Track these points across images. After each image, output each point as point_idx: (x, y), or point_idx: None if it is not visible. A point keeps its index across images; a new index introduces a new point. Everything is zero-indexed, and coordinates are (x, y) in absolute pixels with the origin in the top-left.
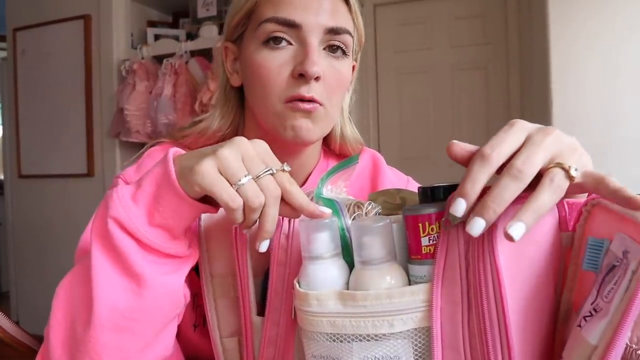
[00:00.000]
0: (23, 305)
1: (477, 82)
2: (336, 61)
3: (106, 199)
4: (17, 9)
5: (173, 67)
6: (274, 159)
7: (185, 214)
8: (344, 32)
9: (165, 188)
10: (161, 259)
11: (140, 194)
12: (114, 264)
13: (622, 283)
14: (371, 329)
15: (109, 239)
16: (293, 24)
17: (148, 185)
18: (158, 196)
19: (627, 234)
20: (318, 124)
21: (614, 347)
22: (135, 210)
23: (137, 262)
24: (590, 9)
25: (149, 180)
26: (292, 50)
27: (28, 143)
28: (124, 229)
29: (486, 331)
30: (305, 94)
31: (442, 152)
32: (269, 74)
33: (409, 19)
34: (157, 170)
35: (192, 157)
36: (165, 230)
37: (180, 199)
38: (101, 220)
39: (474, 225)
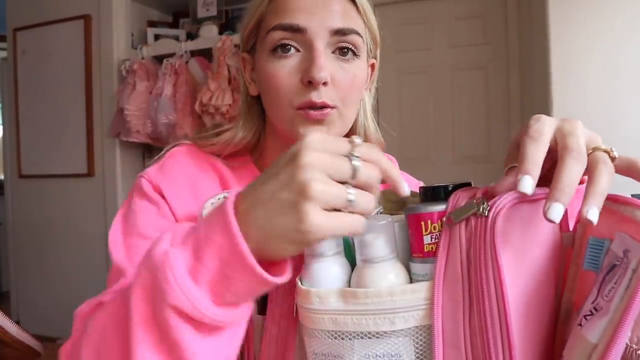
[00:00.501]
0: (23, 305)
1: (477, 82)
2: (347, 64)
3: (153, 270)
4: (17, 9)
5: (173, 67)
6: (339, 143)
7: (268, 287)
8: (351, 33)
9: (239, 270)
10: (223, 333)
11: (202, 271)
12: (167, 356)
13: (623, 282)
14: (372, 327)
15: (165, 330)
16: (297, 28)
17: (211, 261)
18: (228, 276)
19: (628, 233)
20: (332, 128)
21: (614, 345)
22: (199, 293)
23: (193, 354)
24: (591, 8)
25: (210, 254)
26: (300, 57)
27: (28, 143)
28: (183, 316)
29: (487, 329)
30: (316, 100)
31: (441, 152)
32: (279, 83)
33: (409, 18)
34: (218, 241)
35: (272, 215)
36: (235, 306)
37: (262, 281)
38: (152, 305)
39: (554, 210)
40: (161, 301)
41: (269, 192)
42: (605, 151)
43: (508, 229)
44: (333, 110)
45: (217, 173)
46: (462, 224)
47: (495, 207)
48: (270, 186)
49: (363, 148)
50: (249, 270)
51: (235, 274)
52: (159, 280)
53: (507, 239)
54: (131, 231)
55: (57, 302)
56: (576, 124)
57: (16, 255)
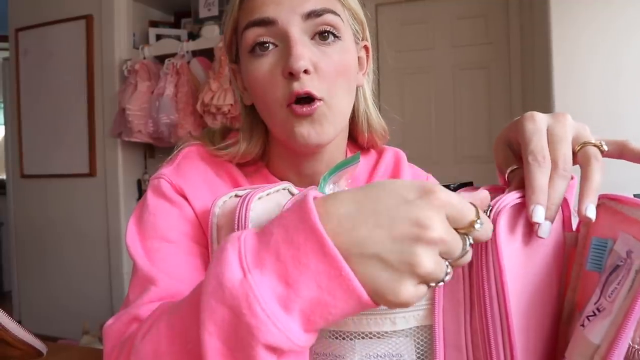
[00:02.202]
0: (25, 305)
1: (478, 82)
2: (328, 48)
3: (232, 306)
4: (19, 9)
5: (175, 67)
6: (464, 210)
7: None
8: (325, 12)
9: (341, 297)
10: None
11: (295, 300)
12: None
13: (626, 283)
14: (373, 327)
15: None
16: (268, 20)
17: (306, 289)
18: (326, 303)
19: (631, 234)
20: (324, 123)
21: (616, 346)
22: (291, 323)
23: None
24: (592, 8)
25: (304, 281)
26: (278, 51)
27: (30, 143)
28: (276, 352)
29: (488, 330)
30: (299, 90)
31: (443, 152)
32: (262, 81)
33: (410, 18)
34: (314, 266)
35: (389, 272)
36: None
37: (364, 305)
38: (233, 344)
39: (545, 229)
40: (249, 339)
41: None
42: (595, 145)
43: (509, 229)
44: (319, 103)
45: (230, 179)
46: None
47: (496, 208)
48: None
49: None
50: (354, 296)
51: (336, 301)
52: (244, 316)
53: (508, 239)
54: (150, 234)
55: (59, 302)
56: (566, 124)
57: (18, 255)
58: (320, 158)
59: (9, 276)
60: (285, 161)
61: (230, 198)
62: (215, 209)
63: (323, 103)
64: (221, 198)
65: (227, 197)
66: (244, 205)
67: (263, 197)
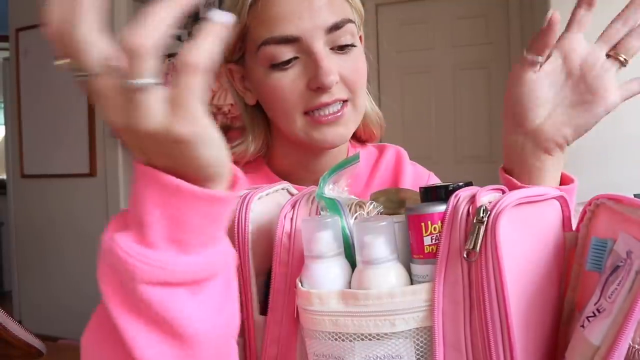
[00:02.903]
0: (25, 305)
1: (479, 82)
2: (348, 56)
3: (110, 263)
4: (19, 9)
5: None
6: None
7: (217, 205)
8: (345, 23)
9: (173, 199)
10: (210, 298)
11: (149, 232)
12: (156, 330)
13: (626, 283)
14: (373, 329)
15: (148, 308)
16: (291, 38)
17: (149, 215)
18: (172, 216)
19: (631, 234)
20: (349, 123)
21: (616, 347)
22: (160, 254)
23: (186, 321)
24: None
25: (148, 211)
26: (301, 64)
27: (30, 143)
28: (159, 284)
29: (488, 331)
30: (328, 100)
31: (443, 152)
32: (284, 94)
33: (411, 18)
34: (142, 191)
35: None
36: (207, 245)
37: (193, 196)
38: (124, 293)
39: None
40: (132, 284)
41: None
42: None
43: (509, 229)
44: (346, 106)
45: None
46: (463, 225)
47: (496, 208)
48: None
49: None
50: (178, 192)
51: (175, 207)
52: (115, 266)
53: (508, 240)
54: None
55: (59, 302)
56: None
57: (18, 255)
58: (329, 153)
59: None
60: (290, 158)
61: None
62: None
63: (349, 103)
64: None
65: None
66: (243, 205)
67: (263, 197)
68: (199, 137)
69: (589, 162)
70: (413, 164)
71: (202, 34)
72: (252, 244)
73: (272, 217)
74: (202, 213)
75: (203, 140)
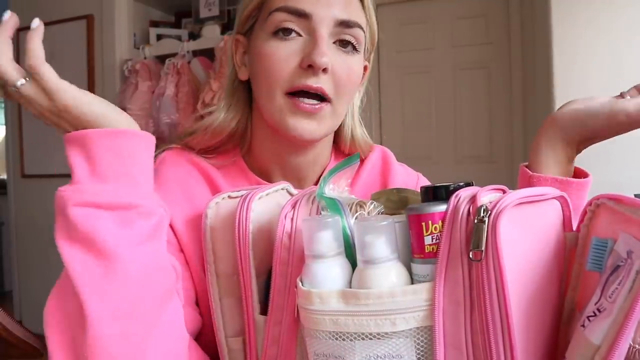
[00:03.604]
0: (26, 305)
1: (479, 82)
2: (346, 56)
3: (57, 209)
4: (19, 9)
5: (175, 67)
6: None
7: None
8: (355, 26)
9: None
10: (133, 227)
11: (78, 172)
12: (86, 251)
13: (626, 283)
14: (373, 328)
15: (74, 230)
16: (303, 13)
17: (74, 162)
18: (89, 156)
19: (632, 234)
20: (323, 123)
21: (617, 347)
22: (87, 185)
23: (109, 239)
24: (593, 8)
25: (72, 160)
26: (301, 42)
27: (31, 143)
28: (85, 205)
29: (489, 331)
30: (312, 84)
31: (444, 152)
32: (276, 64)
33: (411, 18)
34: (71, 147)
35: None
36: (122, 179)
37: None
38: (61, 221)
39: None
40: (65, 209)
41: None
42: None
43: (510, 229)
44: (327, 105)
45: (202, 174)
46: (464, 225)
47: (496, 208)
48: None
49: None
50: (85, 137)
51: (87, 148)
52: (56, 205)
53: (509, 239)
54: None
55: None
56: None
57: (19, 254)
58: (307, 153)
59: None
60: (268, 152)
61: (223, 199)
62: (208, 211)
63: (330, 105)
64: (213, 200)
65: (220, 198)
66: (244, 205)
67: (263, 197)
68: (73, 101)
69: (589, 162)
70: (402, 165)
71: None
72: (252, 243)
73: (273, 217)
74: (107, 147)
75: (81, 103)
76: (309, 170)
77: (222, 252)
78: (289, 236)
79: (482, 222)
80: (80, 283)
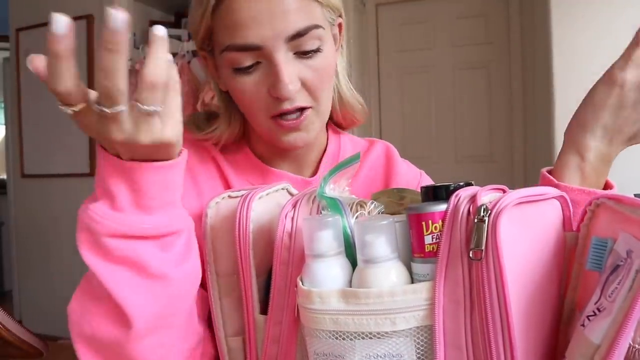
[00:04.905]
0: (26, 305)
1: (479, 82)
2: (311, 60)
3: (84, 227)
4: (19, 9)
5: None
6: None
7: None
8: (309, 30)
9: (121, 170)
10: (173, 249)
11: (116, 199)
12: (135, 274)
13: (626, 283)
14: (374, 327)
15: (111, 254)
16: (252, 47)
17: (115, 188)
18: (130, 185)
19: (631, 234)
20: (311, 126)
21: (617, 346)
22: (125, 215)
23: (156, 263)
24: (593, 8)
25: (112, 182)
26: (262, 69)
27: (31, 143)
28: (129, 237)
29: (489, 330)
30: (288, 107)
31: (444, 151)
32: (248, 97)
33: (410, 18)
34: (116, 174)
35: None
36: (167, 206)
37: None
38: (96, 245)
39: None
40: (96, 237)
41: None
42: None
43: (510, 228)
44: (308, 110)
45: (214, 163)
46: (464, 224)
47: (496, 208)
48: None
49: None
50: (137, 170)
51: (134, 180)
52: (90, 226)
53: (509, 239)
54: None
55: (60, 302)
56: None
57: (19, 254)
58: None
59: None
60: (266, 144)
61: (224, 199)
62: (208, 211)
63: (311, 110)
64: (213, 199)
65: (220, 198)
66: (244, 205)
67: (263, 196)
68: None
69: None
70: (405, 161)
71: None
72: (252, 243)
73: (273, 217)
74: (156, 182)
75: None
76: (308, 159)
77: (222, 251)
78: (290, 236)
79: (482, 222)
80: (125, 300)
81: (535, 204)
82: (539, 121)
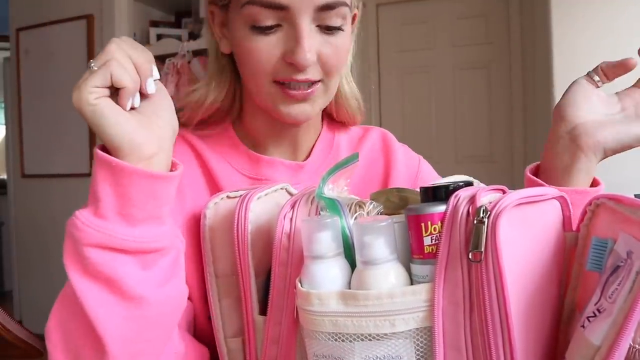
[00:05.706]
0: (26, 305)
1: (479, 82)
2: (332, 37)
3: (68, 234)
4: (20, 9)
5: (175, 66)
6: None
7: (157, 182)
8: (338, 6)
9: (116, 176)
10: (155, 268)
11: (102, 205)
12: (107, 291)
13: (626, 284)
14: (373, 329)
15: (92, 268)
16: (279, 6)
17: (102, 192)
18: (121, 194)
19: (631, 234)
20: (317, 103)
21: (617, 347)
22: (109, 224)
23: (133, 283)
24: (593, 8)
25: (100, 188)
26: (282, 32)
27: (31, 143)
28: (108, 249)
29: (488, 331)
30: (299, 78)
31: (444, 151)
32: (259, 59)
33: (411, 18)
34: (98, 173)
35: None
36: (153, 221)
37: (145, 177)
38: (76, 254)
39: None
40: (79, 247)
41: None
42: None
43: (509, 229)
44: (318, 84)
45: (187, 144)
46: (463, 225)
47: (496, 209)
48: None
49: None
50: (123, 171)
51: (121, 184)
52: (72, 234)
53: (508, 240)
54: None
55: None
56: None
57: (19, 254)
58: (295, 129)
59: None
60: (261, 124)
61: (222, 199)
62: (206, 211)
63: (321, 84)
64: (212, 200)
65: (219, 198)
66: (243, 205)
67: (262, 197)
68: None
69: None
70: (403, 146)
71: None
72: (251, 244)
73: (272, 217)
74: (143, 189)
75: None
76: (304, 139)
77: (220, 252)
78: (288, 237)
79: (482, 223)
80: (98, 321)
81: (535, 204)
82: (539, 121)
